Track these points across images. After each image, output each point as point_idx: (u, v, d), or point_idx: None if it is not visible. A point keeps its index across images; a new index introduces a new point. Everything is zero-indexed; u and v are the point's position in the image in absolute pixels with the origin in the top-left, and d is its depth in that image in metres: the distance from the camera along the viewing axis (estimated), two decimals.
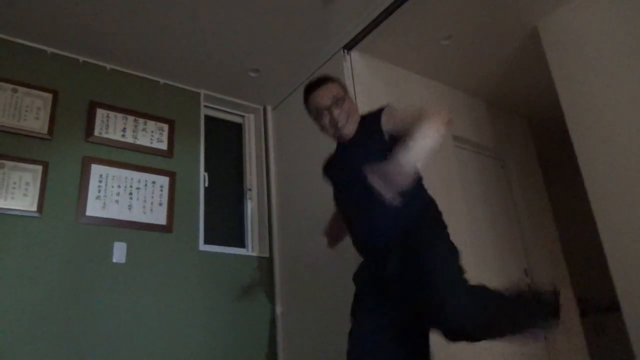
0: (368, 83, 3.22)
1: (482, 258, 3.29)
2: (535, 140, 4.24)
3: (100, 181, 2.97)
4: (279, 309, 3.34)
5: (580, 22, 2.86)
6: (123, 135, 3.17)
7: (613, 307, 3.72)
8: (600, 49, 2.73)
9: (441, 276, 1.55)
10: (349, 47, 3.19)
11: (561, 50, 2.94)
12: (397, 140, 1.72)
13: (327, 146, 2.11)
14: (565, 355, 3.35)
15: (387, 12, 2.89)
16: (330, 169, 2.09)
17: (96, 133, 3.06)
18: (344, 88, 2.01)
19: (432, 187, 3.15)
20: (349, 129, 1.93)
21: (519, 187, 3.82)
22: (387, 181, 1.47)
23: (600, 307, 4.28)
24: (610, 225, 2.58)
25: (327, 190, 2.09)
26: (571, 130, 2.82)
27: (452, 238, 1.76)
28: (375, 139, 1.85)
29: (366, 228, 1.85)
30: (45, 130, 2.89)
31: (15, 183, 2.70)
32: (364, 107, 3.08)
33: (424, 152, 1.54)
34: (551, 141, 4.35)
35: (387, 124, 1.84)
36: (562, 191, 4.37)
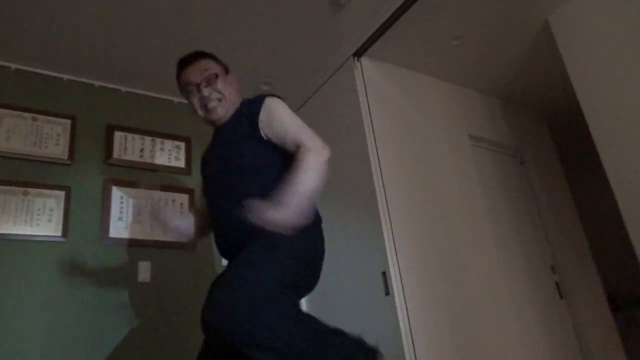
0: (380, 88, 3.22)
1: (508, 257, 3.25)
2: (552, 134, 4.18)
3: (121, 202, 3.01)
4: None
5: (592, 13, 2.82)
6: (141, 156, 3.21)
7: None
8: (615, 39, 2.69)
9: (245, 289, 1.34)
10: (359, 54, 3.20)
11: (574, 43, 2.90)
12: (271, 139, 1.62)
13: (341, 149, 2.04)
14: (600, 351, 3.28)
15: (395, 17, 2.90)
16: (204, 162, 1.87)
17: (115, 155, 3.11)
18: (221, 66, 1.80)
19: (451, 190, 3.16)
20: (221, 112, 1.72)
21: (539, 182, 3.77)
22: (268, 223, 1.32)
23: (631, 301, 4.19)
24: (637, 217, 2.52)
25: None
26: (590, 123, 2.77)
27: (475, 239, 1.69)
28: (249, 126, 1.65)
29: (220, 228, 1.66)
30: (65, 155, 2.94)
31: (39, 209, 2.75)
32: (378, 112, 3.11)
33: (303, 198, 1.38)
34: (569, 135, 4.29)
35: (262, 121, 1.64)
36: (584, 184, 4.31)
